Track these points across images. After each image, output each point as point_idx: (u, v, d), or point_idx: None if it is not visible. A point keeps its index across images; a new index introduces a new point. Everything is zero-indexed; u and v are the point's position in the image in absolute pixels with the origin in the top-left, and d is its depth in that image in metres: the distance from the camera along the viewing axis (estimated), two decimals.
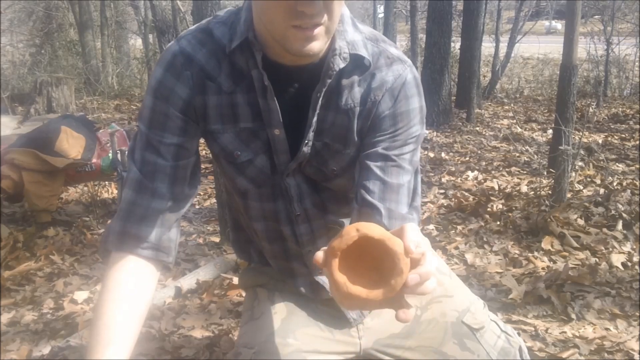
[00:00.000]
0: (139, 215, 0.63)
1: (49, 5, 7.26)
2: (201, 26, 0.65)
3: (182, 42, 0.64)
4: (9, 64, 6.97)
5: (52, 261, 1.83)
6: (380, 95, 0.65)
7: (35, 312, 1.53)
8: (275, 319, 0.73)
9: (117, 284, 0.63)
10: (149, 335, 1.38)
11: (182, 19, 6.00)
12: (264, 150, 0.67)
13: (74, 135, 2.18)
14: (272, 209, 0.71)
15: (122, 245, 0.63)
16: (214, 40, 0.63)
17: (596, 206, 2.13)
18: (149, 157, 0.63)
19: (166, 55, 0.64)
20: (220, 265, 1.79)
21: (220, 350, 1.32)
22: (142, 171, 0.63)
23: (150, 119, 0.64)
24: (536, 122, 4.48)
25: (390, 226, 0.62)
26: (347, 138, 0.66)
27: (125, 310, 0.61)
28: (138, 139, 0.65)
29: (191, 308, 1.52)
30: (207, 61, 0.63)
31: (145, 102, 0.65)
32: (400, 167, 0.65)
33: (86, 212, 2.36)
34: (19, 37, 7.86)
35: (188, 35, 0.65)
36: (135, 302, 0.62)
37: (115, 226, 0.64)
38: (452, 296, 0.81)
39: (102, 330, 0.60)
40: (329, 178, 0.69)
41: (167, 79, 0.63)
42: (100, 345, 0.59)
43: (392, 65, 0.66)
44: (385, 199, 0.64)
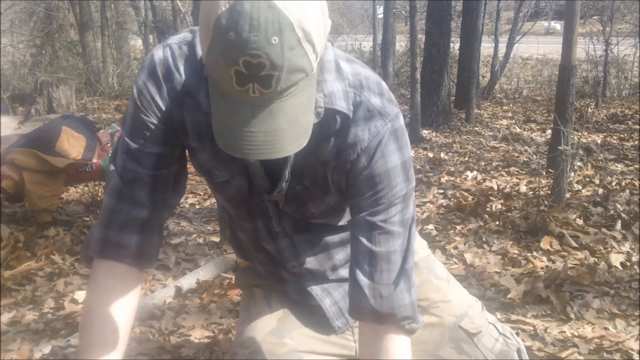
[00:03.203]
0: (119, 222, 0.63)
1: (50, 6, 7.26)
2: (187, 38, 0.62)
3: (167, 51, 0.61)
4: (9, 64, 6.97)
5: (52, 261, 1.83)
6: (354, 154, 0.61)
7: (36, 312, 1.53)
8: (271, 319, 0.74)
9: (103, 289, 0.63)
10: (149, 334, 1.39)
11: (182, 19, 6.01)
12: (242, 172, 0.65)
13: (74, 135, 2.19)
14: (252, 228, 0.71)
15: (104, 252, 0.63)
16: (195, 56, 0.60)
17: (595, 206, 2.13)
18: (129, 165, 0.62)
19: (151, 61, 0.61)
20: (221, 265, 1.79)
21: (220, 350, 1.32)
22: (123, 178, 0.62)
23: (131, 126, 0.62)
24: (535, 122, 4.48)
25: (379, 307, 0.60)
26: (325, 187, 0.65)
27: (114, 315, 0.62)
28: (120, 144, 0.64)
29: (191, 308, 1.53)
30: (187, 77, 0.60)
31: (128, 109, 0.64)
32: (389, 232, 0.61)
33: (87, 212, 2.37)
34: (19, 38, 7.86)
35: (174, 45, 0.62)
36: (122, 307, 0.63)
37: (97, 233, 0.63)
38: (449, 301, 0.81)
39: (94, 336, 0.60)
40: (307, 218, 0.69)
41: (149, 88, 0.61)
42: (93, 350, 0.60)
43: (370, 121, 0.61)
44: (374, 272, 0.61)
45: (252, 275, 0.81)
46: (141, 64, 0.64)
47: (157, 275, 1.77)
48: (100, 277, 0.63)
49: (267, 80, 0.47)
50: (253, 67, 0.46)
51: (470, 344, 0.79)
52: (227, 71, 0.47)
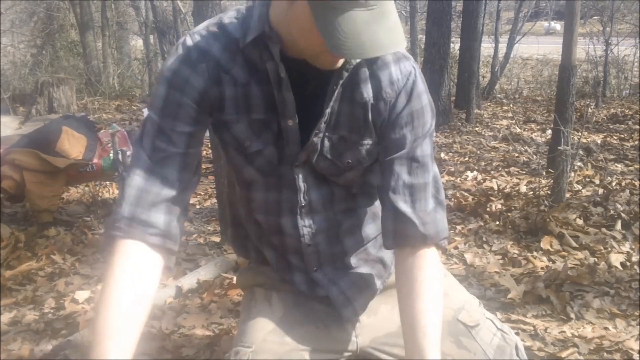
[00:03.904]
0: (149, 201, 0.63)
1: (50, 6, 7.27)
2: (213, 21, 0.67)
3: (195, 36, 0.66)
4: (10, 64, 6.98)
5: (53, 261, 1.83)
6: (393, 94, 0.67)
7: (37, 312, 1.53)
8: (272, 318, 0.74)
9: (123, 271, 0.62)
10: (150, 334, 1.39)
11: (182, 19, 6.01)
12: (274, 141, 0.68)
13: (75, 135, 2.19)
14: (276, 199, 0.72)
15: (131, 230, 0.63)
16: (226, 34, 0.65)
17: (595, 206, 2.14)
18: (159, 144, 0.64)
19: (180, 49, 0.65)
20: (221, 264, 1.79)
21: (220, 349, 1.32)
22: (152, 158, 0.64)
23: (162, 108, 0.65)
24: (535, 122, 4.48)
25: (426, 231, 0.67)
26: (364, 129, 0.69)
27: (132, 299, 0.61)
28: (148, 127, 0.65)
29: (192, 307, 1.53)
30: (221, 54, 0.65)
31: (157, 92, 0.66)
32: (425, 165, 0.69)
33: (87, 212, 2.37)
34: (20, 38, 7.87)
35: (201, 31, 0.66)
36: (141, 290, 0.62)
37: (124, 212, 0.63)
38: (447, 294, 0.81)
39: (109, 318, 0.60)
40: (341, 171, 0.71)
41: (182, 70, 0.64)
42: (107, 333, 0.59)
43: (399, 62, 0.68)
44: (415, 201, 0.68)
45: (253, 275, 0.81)
46: (169, 52, 0.67)
47: None
48: (122, 259, 0.62)
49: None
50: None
51: (469, 337, 0.79)
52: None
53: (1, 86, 4.95)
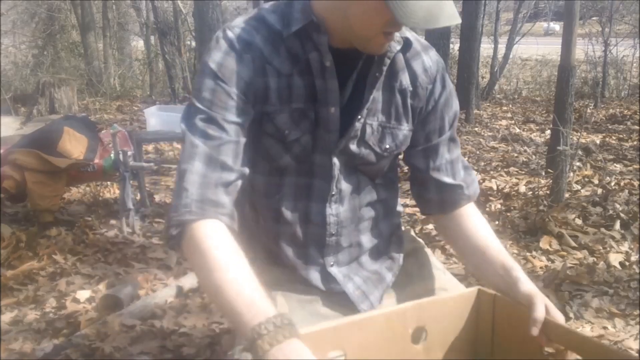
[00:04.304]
0: (213, 183, 0.63)
1: (52, 7, 7.29)
2: (251, 15, 0.69)
3: (236, 30, 0.67)
4: (11, 65, 6.99)
5: (54, 260, 1.84)
6: (429, 81, 0.74)
7: (38, 311, 1.54)
8: None
9: (217, 247, 0.59)
10: (150, 333, 1.40)
11: (183, 20, 6.03)
12: (310, 130, 0.70)
13: (76, 136, 2.20)
14: (308, 186, 0.73)
15: (204, 211, 0.62)
16: (267, 26, 0.67)
17: (594, 206, 2.14)
18: (213, 133, 0.64)
19: (222, 41, 0.66)
20: None
21: (221, 349, 1.33)
22: (207, 144, 0.64)
23: (211, 100, 0.65)
24: (534, 122, 4.49)
25: (469, 192, 0.78)
26: (402, 116, 0.73)
27: (243, 262, 0.60)
28: (197, 119, 0.65)
29: (192, 307, 1.53)
30: (264, 46, 0.66)
31: (203, 84, 0.66)
32: (456, 141, 0.79)
33: (88, 212, 2.37)
34: (21, 39, 7.89)
35: (240, 24, 0.68)
36: (243, 257, 0.61)
37: (192, 195, 0.62)
38: (447, 289, 0.83)
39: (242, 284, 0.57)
40: (378, 158, 0.74)
41: (229, 61, 0.65)
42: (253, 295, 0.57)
43: (427, 51, 0.74)
44: (455, 173, 0.78)
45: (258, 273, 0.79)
46: (210, 47, 0.66)
47: (158, 274, 1.78)
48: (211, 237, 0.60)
49: None
50: None
51: None
52: None
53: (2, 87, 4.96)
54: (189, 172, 0.63)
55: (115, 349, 1.31)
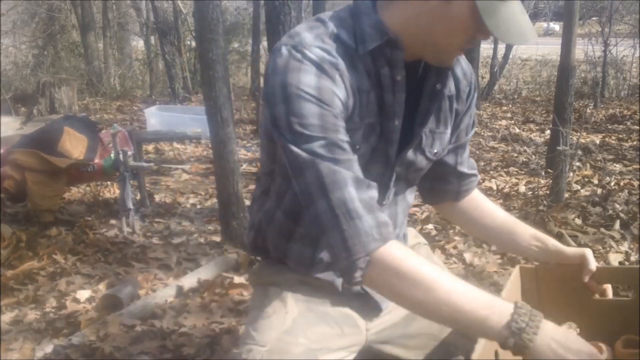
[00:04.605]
0: (372, 205, 0.62)
1: (52, 7, 7.29)
2: (320, 31, 0.65)
3: (316, 50, 0.63)
4: (12, 65, 6.99)
5: (54, 260, 1.84)
6: (467, 84, 0.77)
7: (38, 311, 1.54)
8: (286, 318, 0.74)
9: (421, 261, 0.60)
10: (150, 333, 1.40)
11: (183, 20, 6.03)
12: (376, 143, 0.71)
13: (76, 136, 2.20)
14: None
15: (384, 235, 0.61)
16: (342, 44, 0.65)
17: (594, 206, 2.14)
18: (340, 156, 0.62)
19: (308, 64, 0.62)
20: (221, 264, 1.80)
21: (221, 348, 1.33)
22: (344, 167, 0.62)
23: (322, 125, 0.62)
24: (534, 122, 4.49)
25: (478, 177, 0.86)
26: (448, 120, 0.76)
27: (450, 274, 0.62)
28: (316, 146, 0.61)
29: (192, 307, 1.54)
30: (345, 65, 0.65)
31: (305, 110, 0.61)
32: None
33: (88, 211, 2.38)
34: (21, 39, 7.89)
35: (315, 42, 0.64)
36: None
37: (368, 221, 0.60)
38: None
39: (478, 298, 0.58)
40: (429, 163, 0.77)
41: (324, 84, 0.62)
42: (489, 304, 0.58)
43: (461, 57, 0.77)
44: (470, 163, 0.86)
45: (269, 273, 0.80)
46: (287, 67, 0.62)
47: (158, 274, 1.78)
48: (403, 256, 0.60)
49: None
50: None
51: None
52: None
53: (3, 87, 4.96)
54: (349, 201, 0.60)
55: (115, 349, 1.32)
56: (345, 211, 0.60)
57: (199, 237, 2.11)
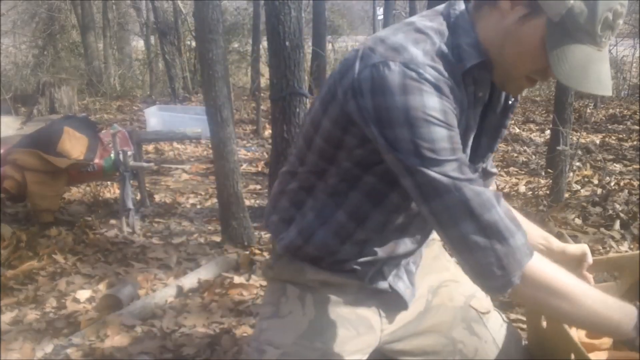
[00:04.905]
0: (517, 219, 0.64)
1: (52, 7, 7.29)
2: (428, 47, 0.63)
3: (430, 70, 0.61)
4: (12, 65, 7.00)
5: (54, 260, 1.84)
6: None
7: (38, 311, 1.54)
8: (303, 319, 0.73)
9: (562, 272, 0.63)
10: (150, 333, 1.40)
11: (183, 20, 6.03)
12: None
13: (76, 136, 2.20)
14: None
15: (530, 249, 0.63)
16: (448, 62, 0.63)
17: (594, 206, 2.14)
18: (473, 175, 0.62)
19: (427, 85, 0.60)
20: (222, 264, 1.80)
21: (221, 348, 1.33)
22: (480, 185, 0.62)
23: (452, 148, 0.61)
24: (534, 122, 4.49)
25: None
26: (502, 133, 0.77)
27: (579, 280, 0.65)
28: (450, 169, 0.60)
29: (192, 307, 1.54)
30: (454, 85, 0.63)
31: (435, 135, 0.60)
32: None
33: (88, 211, 2.38)
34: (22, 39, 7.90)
35: (426, 61, 0.61)
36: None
37: (520, 237, 0.61)
38: (458, 281, 0.84)
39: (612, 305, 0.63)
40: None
41: (446, 106, 0.61)
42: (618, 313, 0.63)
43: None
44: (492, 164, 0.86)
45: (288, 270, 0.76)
46: (408, 91, 0.60)
47: (158, 274, 1.78)
48: (548, 268, 0.63)
49: (618, 27, 0.60)
50: (617, 14, 0.58)
51: (480, 324, 0.81)
52: (599, 17, 0.58)
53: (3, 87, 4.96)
54: (499, 221, 0.61)
55: (115, 349, 1.32)
56: (497, 231, 0.60)
57: (199, 237, 2.11)
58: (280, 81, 1.90)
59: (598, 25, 0.58)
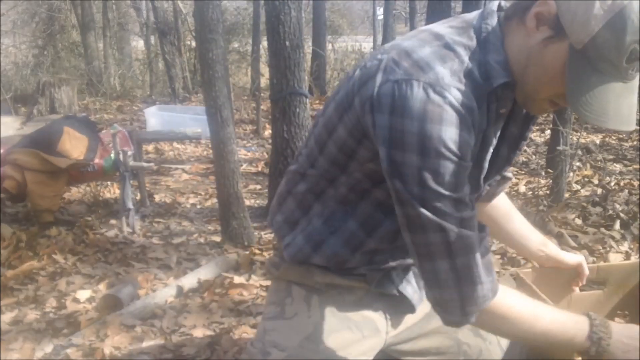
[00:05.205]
0: (492, 264, 0.66)
1: (52, 7, 7.29)
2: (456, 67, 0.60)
3: (456, 92, 0.58)
4: (12, 65, 6.99)
5: (54, 260, 1.84)
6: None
7: (38, 311, 1.54)
8: (309, 322, 0.73)
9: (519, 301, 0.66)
10: (150, 333, 1.40)
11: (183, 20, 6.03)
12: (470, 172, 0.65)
13: (76, 136, 2.20)
14: None
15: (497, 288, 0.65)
16: (475, 82, 0.60)
17: (594, 206, 2.14)
18: (466, 214, 0.61)
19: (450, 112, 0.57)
20: (222, 264, 1.80)
21: (221, 348, 1.33)
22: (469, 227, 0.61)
23: (455, 183, 0.59)
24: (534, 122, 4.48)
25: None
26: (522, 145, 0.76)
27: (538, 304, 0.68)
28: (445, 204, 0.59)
29: (192, 307, 1.54)
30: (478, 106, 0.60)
31: (443, 168, 0.58)
32: None
33: (88, 211, 2.38)
34: (22, 39, 7.89)
35: (454, 82, 0.59)
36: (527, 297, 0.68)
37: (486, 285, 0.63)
38: None
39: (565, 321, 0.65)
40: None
41: (464, 136, 0.58)
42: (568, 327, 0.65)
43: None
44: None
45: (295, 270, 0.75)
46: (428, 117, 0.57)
47: (158, 274, 1.78)
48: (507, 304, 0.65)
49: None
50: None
51: None
52: (625, 48, 0.53)
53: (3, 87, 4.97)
54: (473, 266, 0.61)
55: (115, 349, 1.32)
56: (468, 275, 0.61)
57: (199, 237, 2.11)
58: (280, 81, 1.91)
59: (624, 57, 0.54)
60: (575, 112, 0.58)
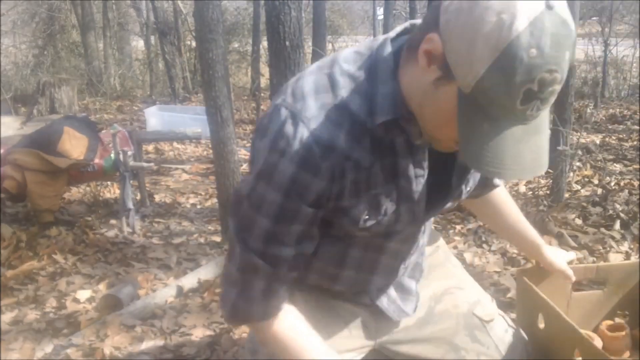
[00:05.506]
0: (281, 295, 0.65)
1: (52, 7, 7.29)
2: (328, 100, 0.56)
3: (315, 130, 0.55)
4: (12, 65, 6.99)
5: (54, 260, 1.85)
6: None
7: (38, 311, 1.54)
8: None
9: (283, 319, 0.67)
10: (150, 333, 1.40)
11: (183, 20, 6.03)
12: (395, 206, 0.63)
13: (76, 136, 2.20)
14: (397, 249, 0.72)
15: (270, 314, 0.66)
16: (350, 117, 0.56)
17: (594, 206, 2.14)
18: (272, 250, 0.60)
19: (298, 149, 0.54)
20: (221, 264, 1.80)
21: (221, 348, 1.33)
22: (268, 262, 0.61)
23: (277, 216, 0.58)
24: None
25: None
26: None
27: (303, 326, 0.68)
28: (255, 231, 0.59)
29: (192, 307, 1.54)
30: (346, 144, 0.56)
31: (268, 196, 0.57)
32: None
33: (88, 211, 2.38)
34: (22, 39, 7.89)
35: (319, 117, 0.55)
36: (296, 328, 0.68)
37: (258, 309, 0.65)
38: (463, 288, 0.84)
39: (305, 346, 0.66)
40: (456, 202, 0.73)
41: (303, 177, 0.56)
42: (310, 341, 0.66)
43: None
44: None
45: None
46: (282, 151, 0.55)
47: (158, 274, 1.78)
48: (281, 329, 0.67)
49: (552, 96, 0.47)
50: (546, 83, 0.46)
51: (483, 331, 0.81)
52: (516, 90, 0.46)
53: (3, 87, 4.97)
54: (249, 284, 0.65)
55: (115, 349, 1.32)
56: (250, 295, 0.64)
57: (199, 237, 2.11)
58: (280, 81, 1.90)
59: (516, 100, 0.46)
60: (468, 164, 0.51)
